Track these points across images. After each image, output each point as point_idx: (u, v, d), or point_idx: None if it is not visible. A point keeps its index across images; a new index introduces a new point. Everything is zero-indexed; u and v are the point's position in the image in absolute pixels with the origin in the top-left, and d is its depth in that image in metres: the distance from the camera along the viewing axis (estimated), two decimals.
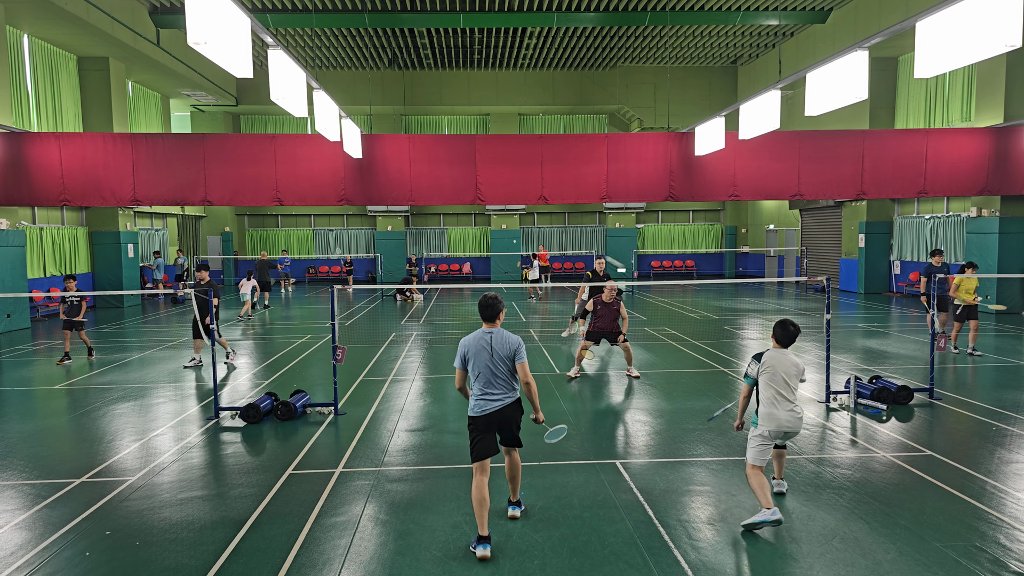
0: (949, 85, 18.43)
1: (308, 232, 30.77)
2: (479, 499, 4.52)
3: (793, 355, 5.15)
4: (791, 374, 5.04)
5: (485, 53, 25.20)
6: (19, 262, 15.65)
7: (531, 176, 16.02)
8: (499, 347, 4.68)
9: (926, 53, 7.15)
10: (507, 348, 4.68)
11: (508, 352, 4.68)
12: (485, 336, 4.71)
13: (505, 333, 4.75)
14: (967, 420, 7.41)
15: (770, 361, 5.08)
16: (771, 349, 5.18)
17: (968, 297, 11.12)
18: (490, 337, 4.71)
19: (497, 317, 4.78)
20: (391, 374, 10.13)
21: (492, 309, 4.78)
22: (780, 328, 5.20)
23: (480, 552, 4.37)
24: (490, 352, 4.67)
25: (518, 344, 4.74)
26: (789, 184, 16.18)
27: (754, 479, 4.94)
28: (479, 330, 4.78)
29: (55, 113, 18.20)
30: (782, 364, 5.06)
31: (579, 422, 7.51)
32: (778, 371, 5.04)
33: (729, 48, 24.95)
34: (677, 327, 14.68)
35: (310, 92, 12.09)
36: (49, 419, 8.02)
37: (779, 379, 5.02)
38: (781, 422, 4.95)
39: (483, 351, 4.67)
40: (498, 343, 4.68)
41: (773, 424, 4.97)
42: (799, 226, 26.02)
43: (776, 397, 5.00)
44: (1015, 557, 4.33)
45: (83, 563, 4.41)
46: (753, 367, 5.15)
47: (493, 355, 4.67)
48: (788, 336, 5.15)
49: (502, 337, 4.72)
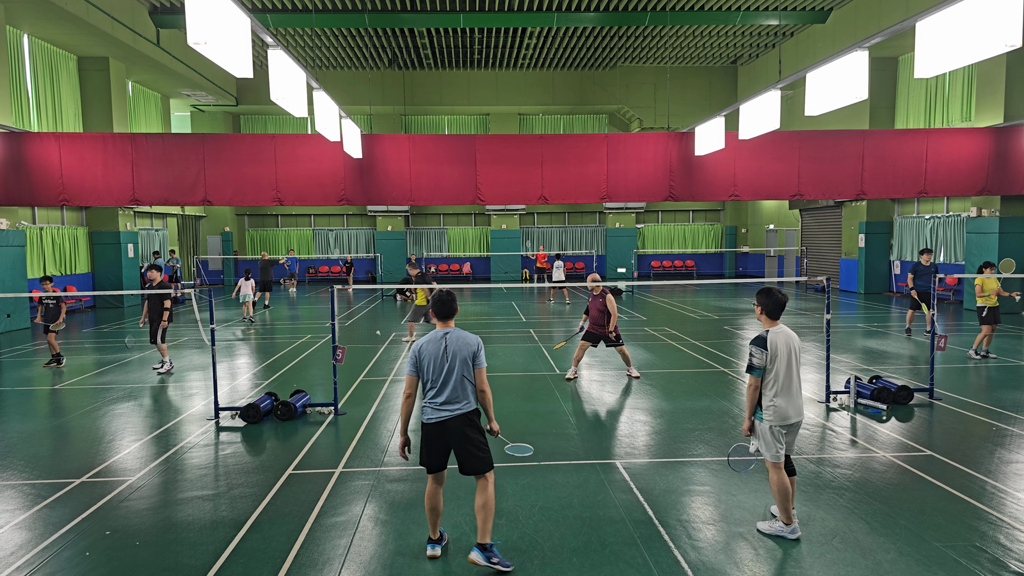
0: (949, 85, 18.43)
1: (308, 232, 30.77)
2: (430, 508, 4.36)
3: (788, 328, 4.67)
4: (798, 347, 4.55)
5: (485, 53, 25.19)
6: (19, 262, 15.66)
7: (531, 176, 16.02)
8: (457, 349, 4.24)
9: (926, 53, 7.14)
10: (466, 350, 4.24)
11: (466, 354, 4.23)
12: (439, 337, 4.28)
13: (463, 333, 4.32)
14: (967, 420, 7.41)
15: (777, 343, 4.51)
16: (770, 330, 4.61)
17: (991, 300, 10.72)
18: (444, 338, 4.27)
19: (452, 315, 4.39)
20: (391, 374, 10.13)
21: (450, 305, 4.35)
22: (766, 297, 4.59)
23: (430, 551, 4.38)
24: (445, 355, 4.21)
25: (477, 346, 4.30)
26: (789, 184, 16.18)
27: (777, 484, 4.51)
28: (433, 331, 4.36)
29: (55, 113, 18.20)
30: (787, 342, 4.52)
31: (579, 422, 7.51)
32: (784, 352, 4.49)
33: (729, 48, 24.95)
34: (677, 327, 14.68)
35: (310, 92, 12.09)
36: (49, 419, 8.02)
37: (787, 361, 4.48)
38: (791, 412, 4.52)
39: (436, 355, 4.23)
40: (455, 344, 4.25)
41: (781, 417, 4.51)
42: (799, 226, 26.02)
43: (787, 384, 4.50)
44: (1015, 557, 4.33)
45: (83, 563, 4.41)
46: (759, 355, 4.52)
47: (449, 358, 4.21)
48: (779, 305, 4.59)
49: (459, 338, 4.28)
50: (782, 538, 4.57)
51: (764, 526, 4.70)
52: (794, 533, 4.55)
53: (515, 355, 11.51)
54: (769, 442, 4.58)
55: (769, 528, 4.66)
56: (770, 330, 4.60)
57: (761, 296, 4.63)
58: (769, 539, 4.60)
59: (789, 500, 4.55)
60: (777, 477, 4.56)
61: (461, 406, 4.24)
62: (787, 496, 4.53)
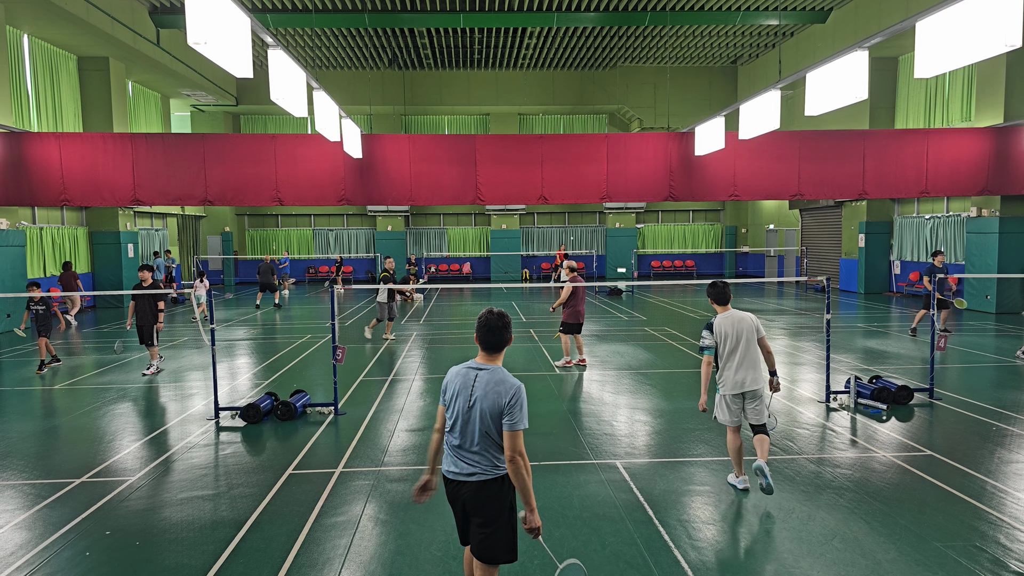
0: (949, 85, 18.43)
1: (308, 232, 30.78)
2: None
3: (740, 311, 5.36)
4: (748, 330, 5.26)
5: (485, 53, 25.20)
6: (19, 262, 15.66)
7: (531, 176, 16.02)
8: (482, 396, 3.14)
9: (926, 53, 7.15)
10: (495, 401, 3.12)
11: (494, 407, 3.11)
12: (471, 374, 3.23)
13: (502, 376, 3.19)
14: (967, 420, 7.41)
15: (723, 325, 5.30)
16: (718, 315, 5.38)
17: None
18: (475, 376, 3.21)
19: (502, 347, 3.28)
20: (391, 374, 10.13)
21: (496, 334, 3.24)
22: (712, 288, 5.45)
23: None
24: (469, 400, 3.16)
25: (514, 399, 3.10)
26: (789, 184, 16.18)
27: (730, 443, 5.40)
28: (469, 361, 3.34)
29: (55, 113, 18.20)
30: (735, 324, 5.28)
31: (579, 422, 7.51)
32: (730, 332, 5.26)
33: (729, 48, 24.95)
34: (677, 327, 14.68)
35: (310, 92, 12.10)
36: (49, 419, 8.02)
37: (733, 340, 5.25)
38: (741, 381, 5.22)
39: (462, 394, 3.20)
40: (482, 389, 3.15)
41: (732, 386, 5.26)
42: (799, 226, 26.02)
43: (737, 359, 5.24)
44: (1015, 557, 4.33)
45: (83, 563, 4.41)
46: (708, 337, 5.34)
47: (473, 405, 3.15)
48: (720, 293, 5.39)
49: (492, 381, 3.16)
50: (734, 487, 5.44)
51: (729, 477, 5.60)
52: (742, 484, 5.41)
53: (515, 355, 11.51)
54: (723, 408, 5.39)
55: (730, 479, 5.56)
56: (719, 315, 5.41)
57: (709, 288, 5.50)
58: (769, 539, 4.60)
59: (739, 456, 5.42)
60: (731, 438, 5.43)
61: (479, 470, 3.18)
62: (738, 453, 5.42)
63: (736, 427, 5.39)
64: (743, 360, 5.27)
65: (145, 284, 10.40)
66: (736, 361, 5.27)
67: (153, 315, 10.24)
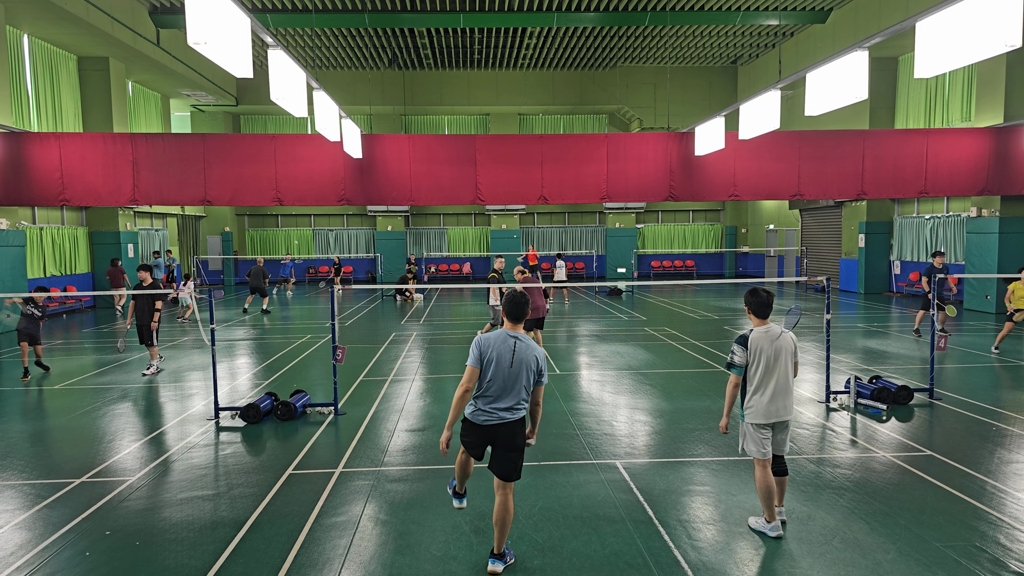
0: (949, 85, 18.43)
1: (308, 232, 30.78)
2: (461, 471, 4.49)
3: (778, 327, 4.58)
4: (787, 352, 4.51)
5: (485, 53, 25.20)
6: (19, 262, 15.66)
7: (531, 176, 16.02)
8: (524, 357, 4.11)
9: (926, 53, 7.15)
10: (533, 362, 4.14)
11: (535, 366, 4.15)
12: (510, 340, 4.13)
13: (531, 342, 4.19)
14: (967, 420, 7.41)
15: (759, 342, 4.51)
16: (754, 329, 4.58)
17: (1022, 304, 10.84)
18: (514, 343, 4.12)
19: (523, 318, 4.22)
20: (391, 374, 10.13)
21: (521, 308, 4.19)
22: (753, 297, 4.55)
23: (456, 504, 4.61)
24: (513, 360, 4.09)
25: (544, 361, 4.23)
26: (789, 184, 16.18)
27: (760, 481, 4.55)
28: (501, 330, 4.20)
29: (55, 113, 18.20)
30: (773, 342, 4.49)
31: (579, 422, 7.51)
32: (767, 352, 4.47)
33: (729, 48, 24.95)
34: (677, 327, 14.68)
35: (310, 92, 12.09)
36: (49, 419, 8.02)
37: (769, 361, 4.48)
38: (772, 411, 4.51)
39: (505, 357, 4.09)
40: (523, 352, 4.12)
41: (765, 415, 4.52)
42: (799, 226, 26.02)
43: (772, 385, 4.48)
44: (1015, 557, 4.33)
45: (83, 563, 4.41)
46: (740, 354, 4.53)
47: (515, 365, 4.09)
48: (763, 305, 4.54)
49: (529, 346, 4.15)
50: (764, 535, 4.62)
51: (752, 521, 4.78)
52: (774, 531, 4.58)
53: None
54: (751, 440, 4.61)
55: (755, 524, 4.73)
56: (755, 329, 4.60)
57: (748, 296, 4.65)
58: (769, 539, 4.60)
59: (772, 499, 4.57)
60: (761, 474, 4.59)
61: (516, 413, 4.15)
62: (769, 494, 4.56)
63: (767, 462, 4.59)
64: (780, 387, 4.50)
65: (145, 284, 10.42)
66: (772, 387, 4.50)
67: (150, 314, 10.27)
